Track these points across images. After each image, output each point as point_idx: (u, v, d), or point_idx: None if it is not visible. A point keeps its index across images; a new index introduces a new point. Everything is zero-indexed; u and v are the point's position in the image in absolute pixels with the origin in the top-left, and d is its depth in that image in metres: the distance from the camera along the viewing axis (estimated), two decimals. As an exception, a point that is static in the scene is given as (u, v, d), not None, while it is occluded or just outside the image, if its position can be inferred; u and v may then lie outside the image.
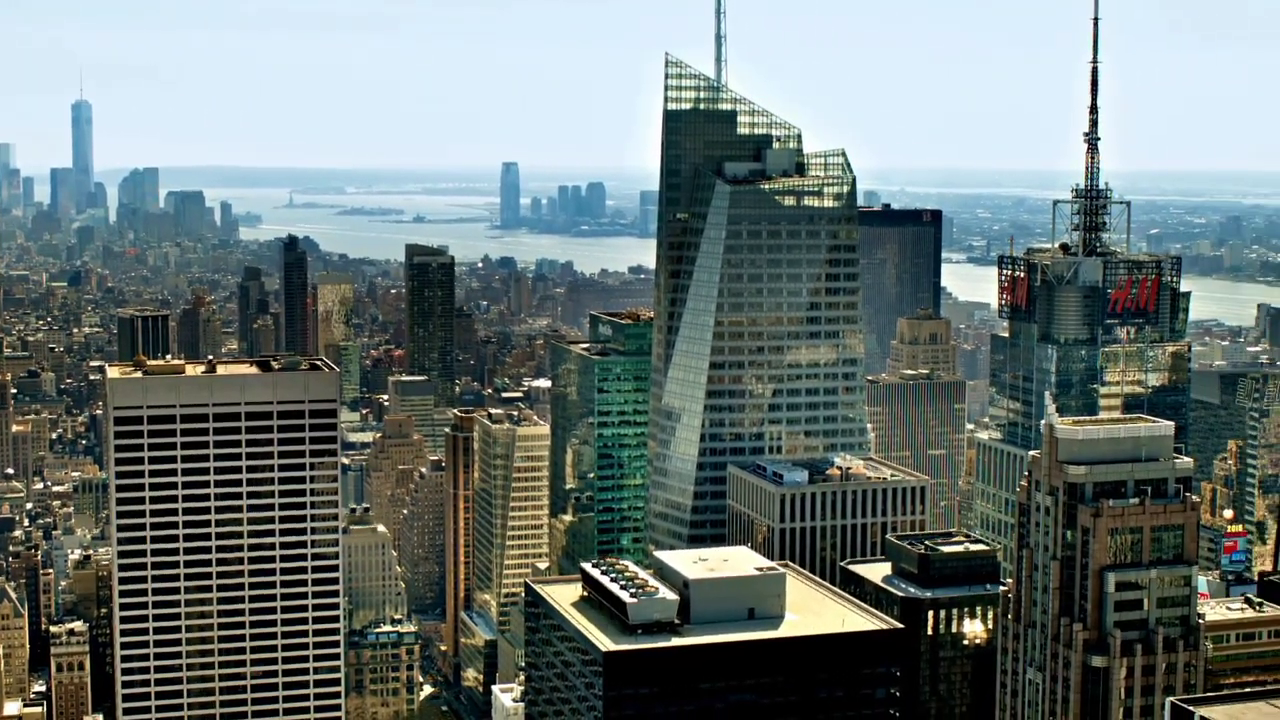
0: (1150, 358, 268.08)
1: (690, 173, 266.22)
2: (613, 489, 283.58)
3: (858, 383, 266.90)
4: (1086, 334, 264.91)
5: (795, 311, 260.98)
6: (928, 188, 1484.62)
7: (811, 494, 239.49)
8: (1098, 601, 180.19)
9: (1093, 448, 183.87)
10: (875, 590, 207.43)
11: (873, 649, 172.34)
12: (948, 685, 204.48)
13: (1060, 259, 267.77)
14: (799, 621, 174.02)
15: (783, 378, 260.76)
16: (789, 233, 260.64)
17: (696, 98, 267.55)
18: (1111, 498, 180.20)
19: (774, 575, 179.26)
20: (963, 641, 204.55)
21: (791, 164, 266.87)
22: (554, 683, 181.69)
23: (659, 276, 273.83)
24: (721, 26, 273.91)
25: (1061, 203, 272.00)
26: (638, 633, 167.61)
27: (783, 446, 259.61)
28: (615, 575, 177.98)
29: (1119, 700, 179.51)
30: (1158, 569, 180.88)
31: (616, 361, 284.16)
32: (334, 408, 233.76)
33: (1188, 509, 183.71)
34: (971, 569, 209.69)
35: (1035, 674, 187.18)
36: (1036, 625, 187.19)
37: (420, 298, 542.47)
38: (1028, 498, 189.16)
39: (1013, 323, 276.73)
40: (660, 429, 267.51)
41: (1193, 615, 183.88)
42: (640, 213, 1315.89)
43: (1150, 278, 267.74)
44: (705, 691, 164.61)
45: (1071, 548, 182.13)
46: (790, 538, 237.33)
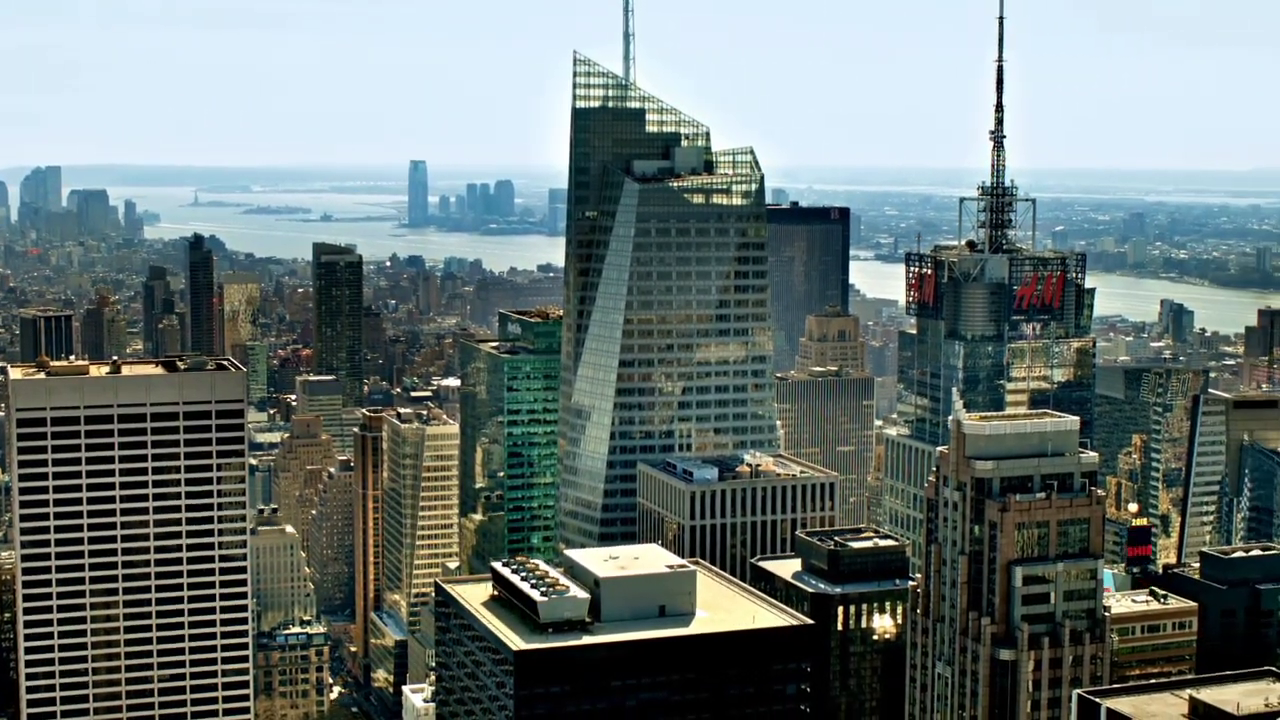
0: (1056, 354, 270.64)
1: (599, 171, 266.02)
2: (523, 488, 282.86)
3: (767, 380, 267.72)
4: (993, 330, 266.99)
5: (704, 309, 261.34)
6: (836, 186, 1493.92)
7: (721, 491, 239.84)
8: (1005, 595, 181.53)
9: (999, 443, 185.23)
10: (785, 586, 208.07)
11: (783, 645, 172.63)
12: (858, 680, 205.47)
13: (967, 256, 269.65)
14: (710, 619, 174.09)
15: (692, 375, 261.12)
16: (698, 231, 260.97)
17: (605, 96, 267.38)
18: (1018, 492, 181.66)
19: (685, 573, 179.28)
20: (872, 636, 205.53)
21: (700, 162, 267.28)
22: (465, 682, 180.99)
23: (568, 275, 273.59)
24: (630, 24, 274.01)
25: (968, 200, 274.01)
26: (549, 631, 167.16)
27: (692, 444, 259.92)
28: (526, 574, 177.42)
29: (1027, 693, 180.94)
30: (1064, 563, 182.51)
31: (526, 360, 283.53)
32: (241, 408, 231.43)
33: (1093, 503, 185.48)
34: (880, 565, 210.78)
35: (944, 668, 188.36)
36: (945, 620, 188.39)
37: (328, 297, 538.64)
38: (936, 493, 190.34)
39: (920, 320, 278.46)
40: (570, 427, 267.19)
41: (1099, 608, 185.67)
42: (549, 211, 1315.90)
43: (1055, 274, 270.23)
44: (617, 689, 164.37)
45: (979, 542, 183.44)
46: (701, 535, 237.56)
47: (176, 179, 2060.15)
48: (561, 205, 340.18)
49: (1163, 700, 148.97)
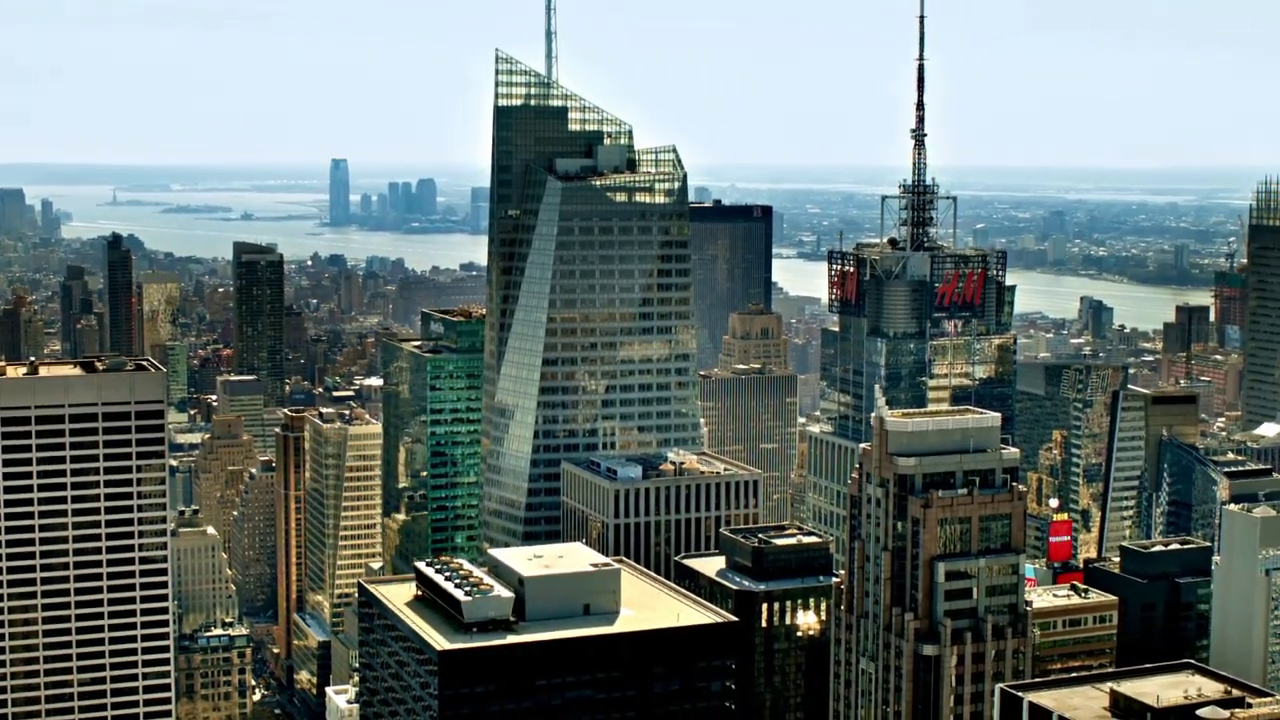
0: (977, 350, 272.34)
1: (521, 169, 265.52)
2: (446, 487, 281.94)
3: (690, 378, 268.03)
4: (915, 327, 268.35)
5: (627, 307, 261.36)
6: (759, 184, 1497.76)
7: (645, 489, 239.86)
8: (928, 591, 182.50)
9: (922, 440, 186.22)
10: (710, 584, 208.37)
11: (708, 642, 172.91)
12: (782, 677, 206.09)
13: (889, 254, 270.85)
14: (634, 617, 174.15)
15: (615, 374, 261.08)
16: (621, 229, 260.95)
17: (527, 94, 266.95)
18: (941, 489, 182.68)
19: (609, 571, 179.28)
20: (797, 633, 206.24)
21: (623, 160, 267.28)
22: (389, 683, 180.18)
23: (491, 273, 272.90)
24: (552, 23, 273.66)
25: (890, 198, 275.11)
26: (473, 631, 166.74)
27: (616, 442, 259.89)
28: (450, 574, 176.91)
29: (950, 688, 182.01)
30: (986, 558, 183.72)
31: (449, 359, 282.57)
32: (161, 409, 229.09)
33: (1015, 498, 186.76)
34: (804, 561, 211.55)
35: (868, 663, 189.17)
36: (869, 615, 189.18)
37: (249, 296, 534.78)
38: (859, 490, 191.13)
39: (843, 317, 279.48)
40: (494, 426, 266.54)
41: (1020, 603, 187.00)
42: (472, 209, 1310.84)
43: (976, 272, 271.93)
44: (542, 688, 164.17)
45: (902, 538, 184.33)
46: (625, 533, 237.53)
47: (95, 178, 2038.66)
48: (484, 204, 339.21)
49: (1084, 694, 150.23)
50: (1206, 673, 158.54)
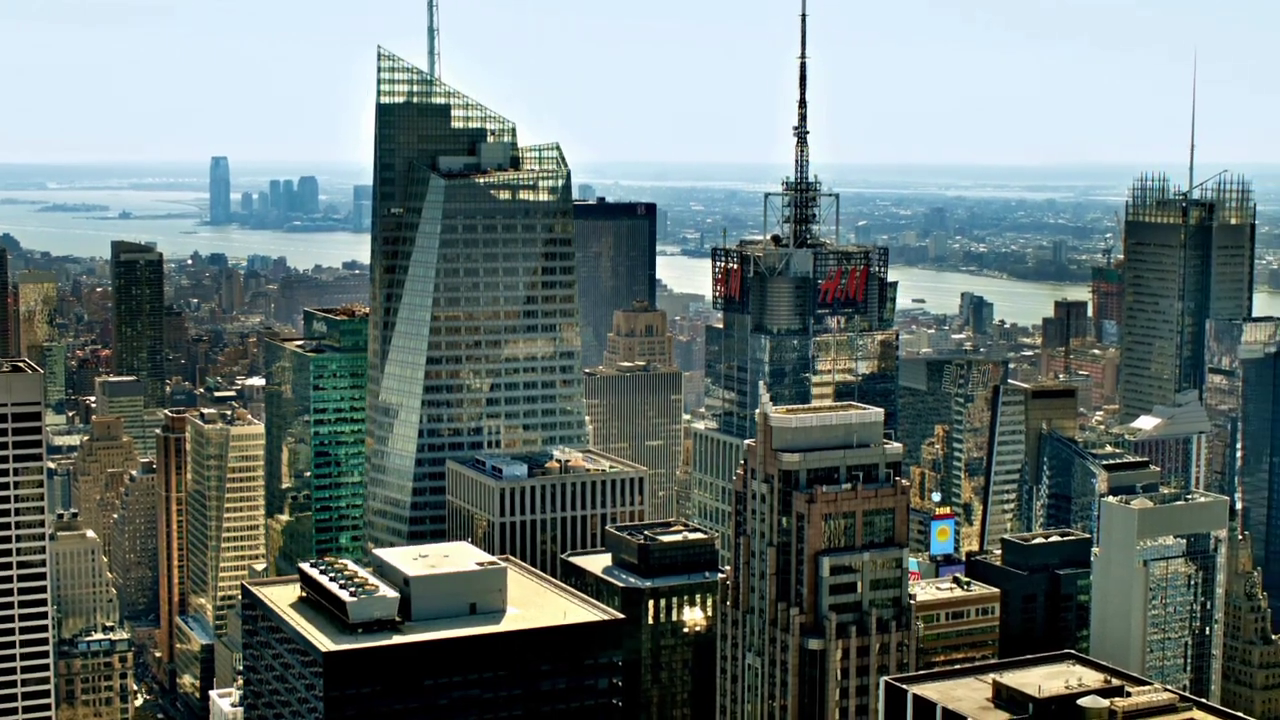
0: (860, 346, 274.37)
1: (404, 167, 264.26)
2: (330, 487, 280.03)
3: (575, 375, 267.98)
4: (798, 324, 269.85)
5: (512, 305, 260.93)
6: (642, 181, 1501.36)
7: (531, 487, 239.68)
8: (813, 586, 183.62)
9: (806, 435, 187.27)
10: (596, 581, 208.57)
11: (595, 640, 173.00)
12: (669, 673, 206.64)
13: (772, 251, 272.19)
14: (521, 615, 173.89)
15: (500, 372, 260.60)
16: (505, 227, 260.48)
17: (410, 91, 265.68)
18: (825, 484, 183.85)
19: (495, 570, 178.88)
20: (683, 629, 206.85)
21: (506, 158, 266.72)
22: (274, 685, 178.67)
23: (374, 272, 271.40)
24: (434, 20, 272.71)
25: (773, 196, 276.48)
26: (358, 632, 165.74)
27: (501, 440, 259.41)
28: (334, 574, 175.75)
29: (835, 681, 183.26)
30: (870, 552, 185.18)
31: (332, 358, 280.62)
32: (38, 410, 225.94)
33: (898, 493, 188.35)
34: (690, 558, 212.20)
35: (754, 659, 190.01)
36: (755, 611, 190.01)
37: (127, 296, 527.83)
38: (744, 486, 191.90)
39: (727, 314, 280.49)
40: (378, 425, 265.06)
41: (904, 596, 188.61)
42: (354, 207, 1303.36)
43: (859, 268, 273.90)
44: (428, 688, 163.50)
45: (787, 534, 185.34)
46: (511, 531, 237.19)
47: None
48: (367, 202, 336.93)
49: (967, 685, 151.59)
50: (1087, 662, 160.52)
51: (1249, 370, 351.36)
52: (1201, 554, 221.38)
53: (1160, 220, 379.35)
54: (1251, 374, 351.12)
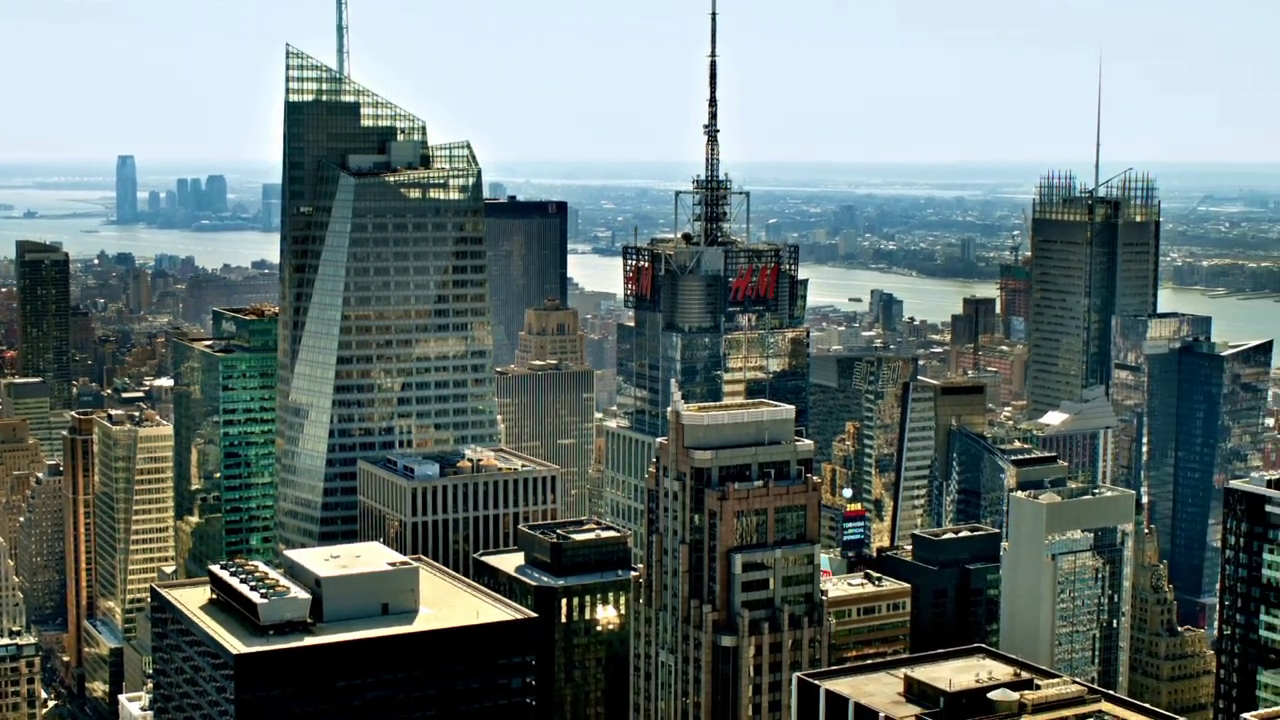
0: (771, 344, 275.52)
1: (313, 165, 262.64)
2: (240, 488, 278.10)
3: (487, 374, 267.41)
4: (710, 322, 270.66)
5: (423, 304, 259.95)
6: (553, 180, 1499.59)
7: (443, 487, 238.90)
8: (725, 583, 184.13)
9: (718, 433, 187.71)
10: (509, 580, 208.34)
11: (507, 639, 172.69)
12: (582, 671, 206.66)
13: (683, 249, 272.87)
14: (433, 615, 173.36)
15: (411, 371, 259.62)
16: (415, 225, 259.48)
17: (319, 89, 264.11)
18: (737, 481, 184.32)
19: (407, 570, 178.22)
20: (596, 628, 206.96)
21: (416, 156, 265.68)
22: (184, 689, 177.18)
23: (283, 271, 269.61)
24: (343, 17, 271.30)
25: (683, 194, 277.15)
26: (269, 634, 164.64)
27: (413, 440, 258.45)
28: (245, 576, 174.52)
29: (748, 678, 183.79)
30: (782, 549, 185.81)
31: (241, 358, 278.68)
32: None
33: (809, 490, 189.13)
34: (603, 556, 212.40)
35: (667, 656, 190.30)
36: (668, 608, 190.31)
37: (32, 296, 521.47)
38: (656, 484, 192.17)
39: (638, 312, 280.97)
40: (288, 426, 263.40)
41: (816, 592, 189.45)
42: (263, 206, 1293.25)
43: (769, 266, 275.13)
44: (341, 690, 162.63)
45: (699, 531, 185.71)
46: (423, 531, 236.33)
47: None
48: (276, 200, 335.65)
49: (879, 680, 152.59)
50: (997, 656, 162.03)
51: (1154, 366, 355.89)
52: (1108, 548, 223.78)
53: (1067, 218, 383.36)
54: (1156, 369, 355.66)
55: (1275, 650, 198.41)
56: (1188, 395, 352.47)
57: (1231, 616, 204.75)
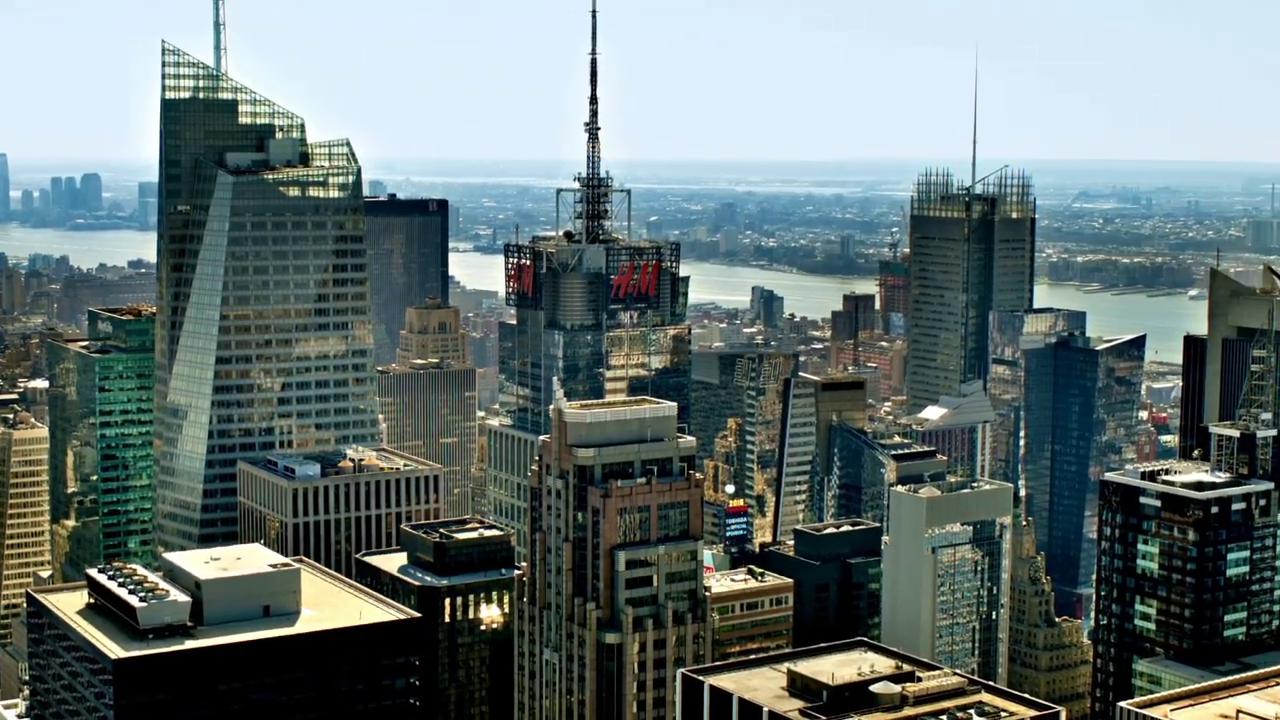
0: (653, 341, 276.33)
1: (191, 163, 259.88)
2: (118, 491, 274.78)
3: (368, 374, 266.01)
4: (592, 319, 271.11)
5: (303, 304, 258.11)
6: (434, 177, 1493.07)
7: (324, 487, 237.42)
8: (609, 580, 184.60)
9: (600, 430, 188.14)
10: (392, 580, 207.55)
11: (391, 640, 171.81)
12: (467, 671, 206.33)
13: (564, 247, 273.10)
14: (316, 616, 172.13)
15: (292, 371, 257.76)
16: (294, 224, 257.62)
17: (196, 86, 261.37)
18: (619, 478, 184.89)
19: (288, 571, 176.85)
20: (480, 627, 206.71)
21: (295, 154, 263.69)
22: (62, 695, 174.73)
23: (161, 270, 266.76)
24: (220, 13, 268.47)
25: (565, 192, 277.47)
26: (149, 638, 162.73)
27: (293, 440, 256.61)
28: (123, 580, 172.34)
29: (633, 675, 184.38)
30: (665, 546, 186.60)
31: (118, 359, 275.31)
32: None
33: (692, 486, 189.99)
34: (486, 555, 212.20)
35: (552, 654, 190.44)
36: (551, 606, 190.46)
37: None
38: (539, 482, 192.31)
39: (520, 310, 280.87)
40: (166, 427, 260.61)
41: (699, 589, 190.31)
42: (140, 205, 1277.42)
43: (651, 264, 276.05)
44: (223, 693, 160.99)
45: (583, 529, 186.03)
46: (304, 532, 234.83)
47: None
48: (153, 199, 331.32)
49: (762, 675, 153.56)
50: (879, 649, 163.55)
51: (1030, 360, 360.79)
52: (987, 540, 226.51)
53: (944, 215, 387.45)
54: (1033, 364, 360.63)
55: (1150, 639, 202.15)
56: (1063, 389, 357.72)
57: (1107, 606, 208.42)
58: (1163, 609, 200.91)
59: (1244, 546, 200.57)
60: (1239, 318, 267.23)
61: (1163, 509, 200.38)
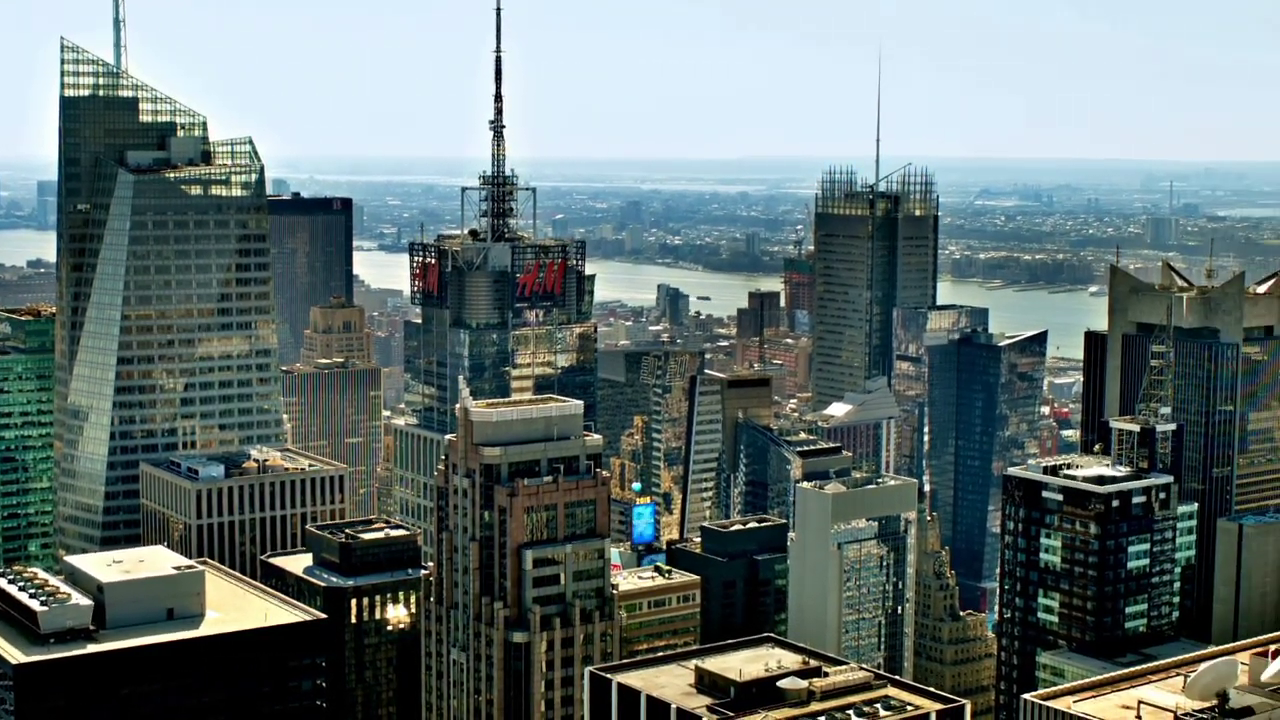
0: (559, 339, 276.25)
1: (91, 162, 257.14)
2: (17, 494, 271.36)
3: (272, 373, 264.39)
4: (497, 318, 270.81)
5: (206, 303, 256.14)
6: (338, 176, 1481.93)
7: (228, 488, 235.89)
8: (516, 579, 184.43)
9: (507, 429, 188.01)
10: (298, 582, 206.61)
11: (297, 641, 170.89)
12: (374, 672, 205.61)
13: (470, 245, 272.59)
14: (220, 619, 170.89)
15: (195, 371, 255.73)
16: (197, 223, 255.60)
17: (95, 84, 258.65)
18: (526, 477, 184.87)
19: (192, 573, 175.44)
20: (387, 627, 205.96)
21: (197, 152, 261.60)
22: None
23: (60, 270, 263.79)
24: (120, 10, 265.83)
25: (470, 190, 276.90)
26: (50, 642, 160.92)
27: (197, 441, 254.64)
28: (23, 584, 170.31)
29: (540, 674, 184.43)
30: (573, 544, 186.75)
31: (17, 360, 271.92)
32: None
33: (599, 484, 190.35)
34: (393, 555, 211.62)
35: (459, 654, 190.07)
36: (459, 606, 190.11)
37: None
38: (446, 481, 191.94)
39: (425, 309, 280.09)
40: (67, 429, 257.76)
41: (607, 586, 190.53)
42: (39, 204, 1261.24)
43: (557, 262, 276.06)
44: (126, 697, 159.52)
45: (490, 528, 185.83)
46: (208, 534, 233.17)
47: None
48: (52, 198, 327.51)
49: (670, 672, 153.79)
50: (786, 645, 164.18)
51: (934, 356, 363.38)
52: (892, 535, 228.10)
53: (848, 212, 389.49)
54: (937, 360, 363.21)
55: (1053, 632, 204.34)
56: (967, 385, 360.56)
57: (1011, 600, 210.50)
58: (1065, 602, 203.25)
59: (1144, 539, 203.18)
60: (1139, 314, 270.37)
61: (1065, 503, 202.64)
